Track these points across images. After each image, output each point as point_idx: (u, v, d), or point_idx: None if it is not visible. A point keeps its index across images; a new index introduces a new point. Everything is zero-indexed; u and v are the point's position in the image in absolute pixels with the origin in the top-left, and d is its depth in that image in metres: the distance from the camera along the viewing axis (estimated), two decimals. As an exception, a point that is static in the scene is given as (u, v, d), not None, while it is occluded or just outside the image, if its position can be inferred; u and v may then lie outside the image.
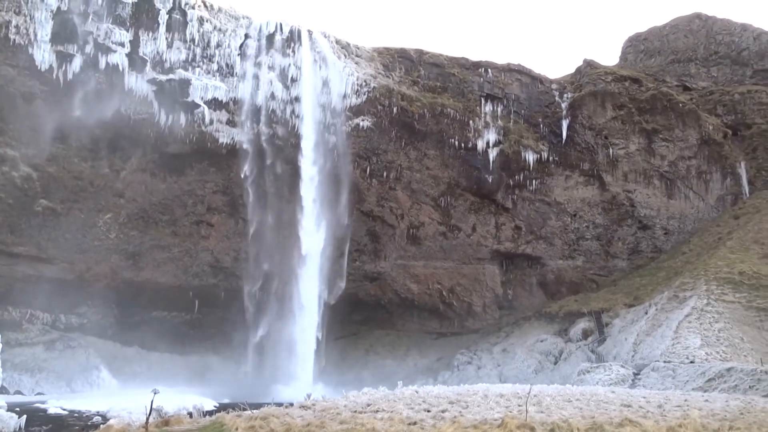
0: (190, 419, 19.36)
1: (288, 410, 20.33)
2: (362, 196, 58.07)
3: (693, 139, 65.06)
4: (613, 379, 38.68)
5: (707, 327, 42.02)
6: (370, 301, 61.04)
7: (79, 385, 46.30)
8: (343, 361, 58.15)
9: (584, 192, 63.48)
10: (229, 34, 52.32)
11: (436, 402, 23.43)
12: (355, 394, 27.32)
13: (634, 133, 63.95)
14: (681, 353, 39.37)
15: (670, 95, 66.19)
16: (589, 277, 63.52)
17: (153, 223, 52.13)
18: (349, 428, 15.93)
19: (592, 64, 68.29)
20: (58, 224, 48.00)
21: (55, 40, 45.62)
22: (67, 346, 48.86)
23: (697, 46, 76.50)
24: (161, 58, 49.18)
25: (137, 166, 50.26)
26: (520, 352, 52.91)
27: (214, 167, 52.94)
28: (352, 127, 55.66)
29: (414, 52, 62.62)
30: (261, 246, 54.00)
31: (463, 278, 62.00)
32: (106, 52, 47.08)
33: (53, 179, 47.32)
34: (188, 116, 49.93)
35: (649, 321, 46.94)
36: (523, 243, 62.69)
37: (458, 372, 54.34)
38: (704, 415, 19.89)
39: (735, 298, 45.77)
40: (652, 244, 64.11)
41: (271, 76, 53.10)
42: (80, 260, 49.49)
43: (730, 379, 31.99)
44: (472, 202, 60.96)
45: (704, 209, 65.35)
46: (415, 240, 60.49)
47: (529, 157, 60.86)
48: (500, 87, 62.89)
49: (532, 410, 20.23)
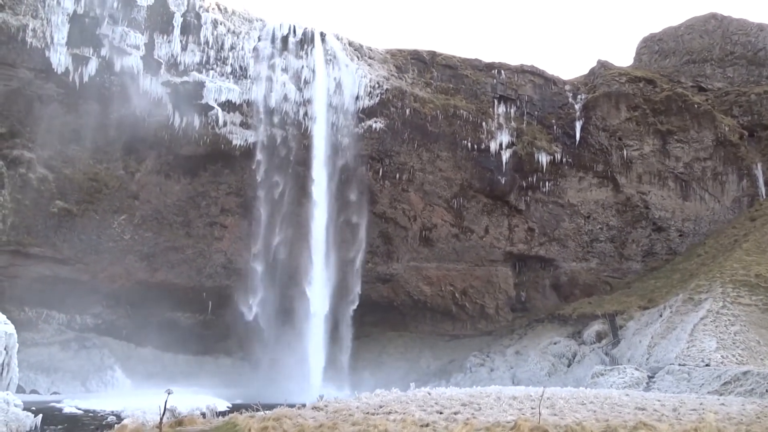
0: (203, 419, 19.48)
1: (300, 411, 20.39)
2: (375, 197, 58.11)
3: (708, 140, 64.46)
4: (627, 382, 38.37)
5: (723, 330, 41.56)
6: (383, 303, 61.02)
7: (94, 385, 46.77)
8: (355, 362, 58.17)
9: (598, 194, 63.09)
10: (242, 37, 52.64)
11: (449, 404, 23.38)
12: (367, 396, 27.33)
13: (648, 134, 63.46)
14: (696, 356, 38.98)
15: (685, 96, 65.64)
16: (603, 279, 63.09)
17: (167, 225, 52.50)
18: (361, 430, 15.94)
19: (606, 65, 67.88)
20: (73, 225, 48.48)
21: (71, 43, 46.21)
22: (82, 346, 49.41)
23: (713, 46, 75.79)
24: (175, 61, 49.59)
25: (152, 168, 50.68)
26: (533, 355, 52.66)
27: (228, 169, 53.23)
28: (364, 129, 55.75)
29: (427, 53, 62.62)
30: (273, 247, 54.18)
31: (476, 280, 61.82)
32: (121, 54, 47.58)
33: (69, 181, 47.83)
34: (202, 118, 50.29)
35: (664, 324, 46.51)
36: (536, 245, 62.42)
37: (471, 374, 54.16)
38: (720, 418, 19.69)
39: (751, 300, 45.24)
40: (667, 246, 63.58)
41: (284, 78, 53.34)
42: (95, 261, 49.93)
43: (747, 383, 31.64)
44: (484, 203, 60.79)
45: (720, 211, 64.71)
46: (428, 242, 60.43)
47: (543, 159, 60.60)
48: (513, 88, 62.72)
49: (545, 413, 20.13)
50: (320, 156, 54.08)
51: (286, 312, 53.35)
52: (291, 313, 53.11)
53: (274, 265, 54.15)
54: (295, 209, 54.49)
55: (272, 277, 54.01)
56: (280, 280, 54.04)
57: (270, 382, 48.36)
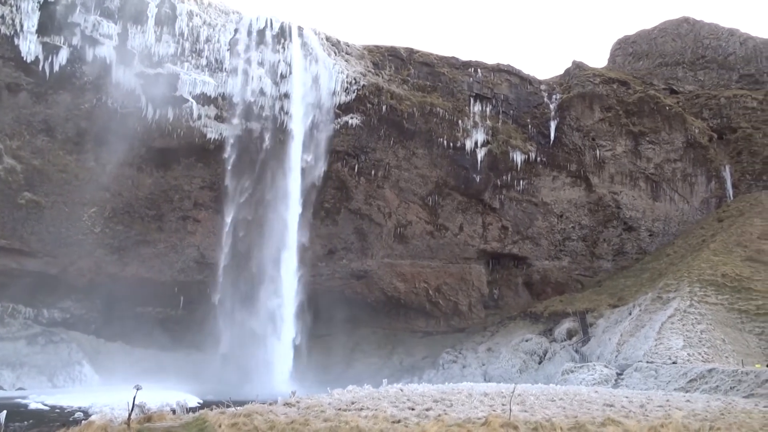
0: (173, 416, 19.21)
1: (272, 407, 20.26)
2: (350, 194, 58.00)
3: (679, 142, 65.63)
4: (596, 378, 38.96)
5: (690, 328, 42.41)
6: (357, 299, 60.99)
7: (61, 381, 45.94)
8: (328, 358, 58.08)
9: (571, 193, 63.83)
10: (218, 29, 52.02)
11: (421, 400, 23.45)
12: (339, 392, 27.27)
13: (621, 135, 64.40)
14: (663, 354, 39.71)
15: (657, 98, 66.73)
16: (575, 277, 63.91)
17: (139, 218, 51.76)
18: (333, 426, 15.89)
19: (581, 66, 68.64)
20: (41, 217, 47.52)
21: (41, 31, 45.12)
22: (50, 341, 48.44)
23: (685, 49, 77.20)
24: (150, 52, 48.78)
25: (124, 160, 49.80)
26: (505, 352, 53.14)
27: (202, 162, 52.62)
28: (340, 125, 55.57)
29: (404, 50, 62.63)
30: (245, 241, 53.74)
31: (450, 277, 62.12)
32: (93, 44, 46.64)
33: (38, 172, 46.83)
34: (176, 111, 49.58)
35: (633, 322, 47.31)
36: (509, 243, 62.93)
37: (443, 371, 54.48)
38: (686, 415, 20.06)
39: (718, 300, 46.24)
40: (637, 246, 64.63)
41: (261, 72, 52.88)
42: (64, 254, 49.03)
43: (712, 380, 32.31)
44: (459, 201, 61.08)
45: (689, 212, 65.96)
46: (403, 239, 60.51)
47: (517, 158, 61.09)
48: (489, 87, 63.07)
49: (515, 409, 20.32)
50: (296, 151, 53.78)
51: (257, 307, 52.93)
52: (262, 308, 52.71)
53: (245, 260, 53.70)
54: (268, 203, 54.10)
55: (243, 271, 53.56)
56: (252, 274, 53.56)
57: (242, 378, 48.05)
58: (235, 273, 53.46)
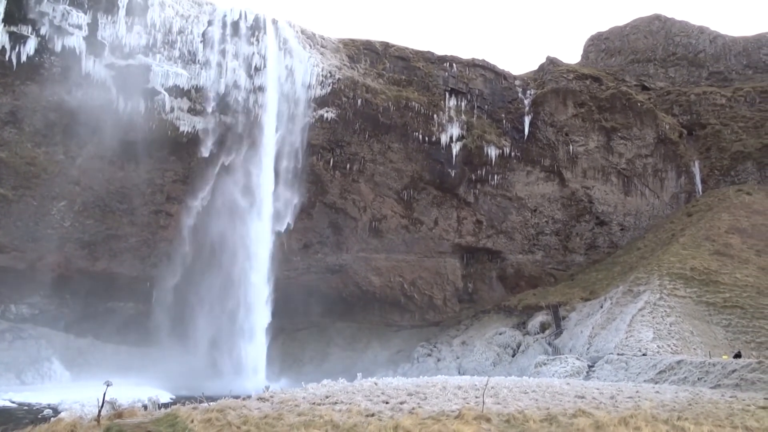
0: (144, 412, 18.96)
1: (245, 402, 20.11)
2: (325, 187, 57.79)
3: (650, 137, 66.67)
4: (568, 371, 39.47)
5: (659, 321, 43.24)
6: (332, 293, 60.89)
7: (30, 378, 45.03)
8: (303, 353, 57.93)
9: (544, 188, 64.48)
10: (191, 21, 51.23)
11: (395, 394, 23.51)
12: (314, 386, 27.19)
13: (593, 130, 65.19)
14: (634, 346, 40.43)
15: (629, 94, 67.69)
16: (548, 271, 64.65)
17: (110, 212, 50.86)
18: (307, 420, 15.84)
19: (555, 62, 69.26)
20: (9, 211, 46.42)
21: (8, 20, 43.84)
22: (18, 337, 47.45)
23: (656, 46, 78.42)
24: (120, 43, 47.77)
25: (94, 153, 48.81)
26: (479, 345, 53.57)
27: (174, 156, 51.88)
28: (315, 119, 55.27)
29: (379, 44, 62.47)
30: (217, 236, 53.19)
31: (425, 271, 62.36)
32: (62, 34, 45.51)
33: (4, 165, 45.68)
34: (148, 103, 48.72)
35: (605, 315, 48.05)
36: (484, 237, 63.37)
37: (418, 364, 54.73)
38: (654, 406, 20.44)
39: (686, 293, 47.20)
40: (609, 240, 65.60)
41: (235, 64, 52.27)
42: (32, 249, 47.99)
43: (680, 372, 32.97)
44: (434, 195, 61.27)
45: (659, 206, 67.12)
46: (378, 233, 60.54)
47: (492, 153, 61.46)
48: (464, 82, 63.30)
49: (489, 402, 20.48)
50: (270, 144, 53.35)
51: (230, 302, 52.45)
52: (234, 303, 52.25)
53: (216, 254, 53.12)
54: (241, 196, 53.62)
55: (214, 265, 53.02)
56: (223, 268, 53.01)
57: (215, 374, 47.69)
58: (208, 267, 52.90)
